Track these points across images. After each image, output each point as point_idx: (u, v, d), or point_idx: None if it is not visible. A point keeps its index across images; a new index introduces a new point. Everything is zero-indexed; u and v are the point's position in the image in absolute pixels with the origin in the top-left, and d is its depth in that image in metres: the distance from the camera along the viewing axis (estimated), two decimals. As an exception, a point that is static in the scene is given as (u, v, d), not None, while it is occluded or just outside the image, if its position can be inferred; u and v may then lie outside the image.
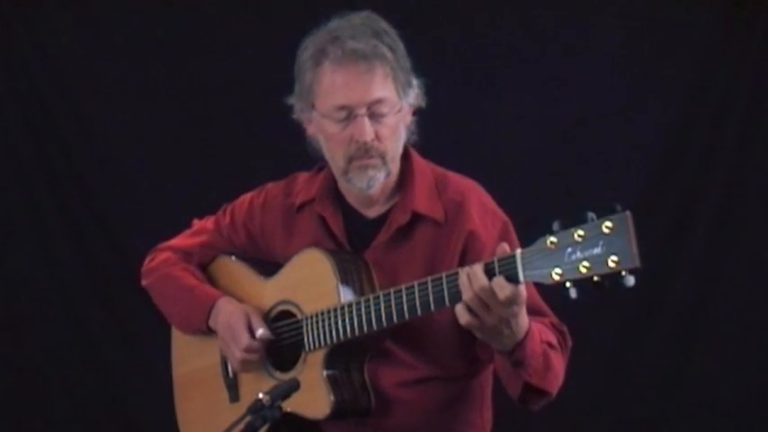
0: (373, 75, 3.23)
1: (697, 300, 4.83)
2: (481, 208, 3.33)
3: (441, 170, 3.42)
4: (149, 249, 3.76)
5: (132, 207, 5.13)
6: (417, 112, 3.37)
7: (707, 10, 4.81)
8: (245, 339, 3.38)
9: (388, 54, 3.25)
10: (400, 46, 3.29)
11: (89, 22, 5.16)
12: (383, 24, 3.30)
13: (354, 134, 3.24)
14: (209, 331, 3.52)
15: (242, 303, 3.48)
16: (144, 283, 3.71)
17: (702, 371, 4.81)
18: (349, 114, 3.25)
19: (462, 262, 3.24)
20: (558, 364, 3.13)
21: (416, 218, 3.31)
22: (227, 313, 3.46)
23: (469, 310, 2.93)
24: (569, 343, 3.23)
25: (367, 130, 3.23)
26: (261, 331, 3.39)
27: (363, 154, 3.25)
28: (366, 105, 3.23)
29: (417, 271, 3.23)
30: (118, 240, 5.14)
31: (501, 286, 2.87)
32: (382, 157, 3.27)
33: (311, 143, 3.42)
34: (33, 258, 5.20)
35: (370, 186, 3.29)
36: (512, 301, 2.88)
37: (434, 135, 3.46)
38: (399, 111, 3.28)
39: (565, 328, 3.23)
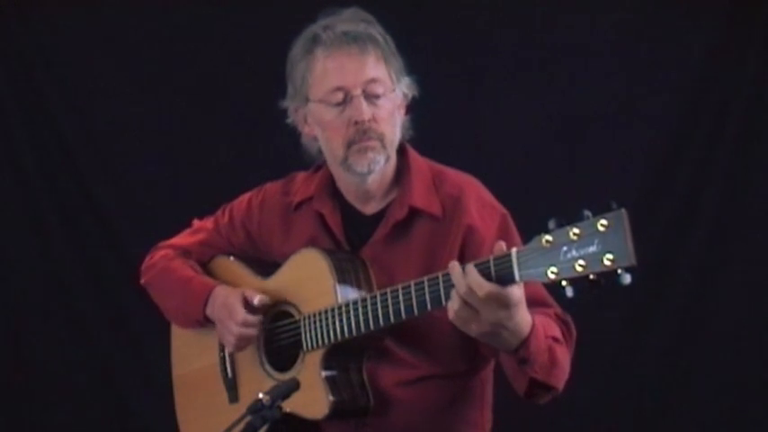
0: (366, 55, 3.27)
1: (697, 299, 4.83)
2: (479, 202, 3.33)
3: (438, 166, 3.43)
4: (149, 249, 3.76)
5: (132, 207, 5.14)
6: (413, 109, 3.38)
7: (707, 10, 4.81)
8: (240, 313, 3.39)
9: (380, 38, 3.29)
10: (389, 37, 3.32)
11: (89, 21, 5.17)
12: (370, 16, 3.34)
13: (352, 115, 3.26)
14: (207, 321, 3.52)
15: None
16: (143, 280, 3.72)
17: (702, 370, 4.80)
18: (345, 97, 3.27)
19: (462, 257, 3.22)
20: (564, 358, 3.12)
21: (414, 213, 3.32)
22: (223, 296, 3.47)
23: (459, 313, 2.92)
24: (574, 333, 3.22)
25: (364, 109, 3.25)
26: (258, 297, 3.39)
27: (362, 135, 3.27)
28: (361, 85, 3.26)
29: (416, 267, 3.24)
30: (118, 240, 5.15)
31: (479, 285, 2.86)
32: (381, 139, 3.28)
33: (307, 148, 3.44)
34: (33, 258, 5.21)
35: (371, 170, 3.29)
36: (494, 298, 2.86)
37: (433, 134, 3.47)
38: (393, 92, 3.30)
39: (569, 318, 3.22)
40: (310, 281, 3.31)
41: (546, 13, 4.88)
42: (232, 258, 3.61)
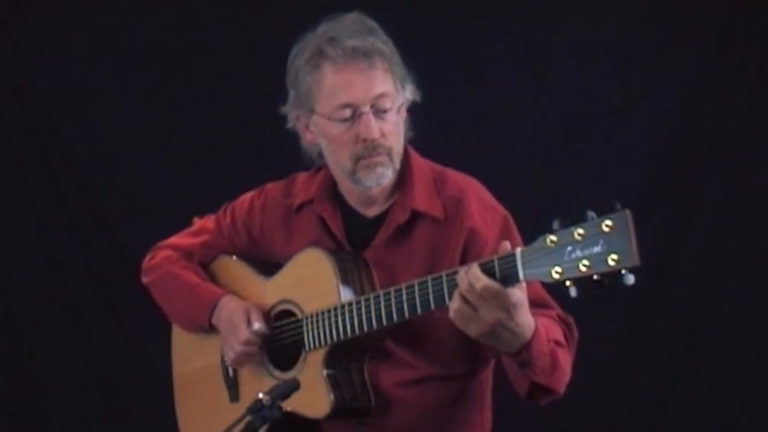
0: (374, 70, 3.25)
1: (696, 299, 4.83)
2: (481, 204, 3.33)
3: (439, 168, 3.42)
4: (149, 249, 3.76)
5: (132, 207, 5.14)
6: (415, 110, 3.37)
7: (707, 10, 4.81)
8: (243, 332, 3.39)
9: (385, 49, 3.26)
10: (391, 42, 3.30)
11: (89, 22, 5.17)
12: (373, 23, 3.31)
13: (361, 132, 3.24)
14: (212, 328, 3.52)
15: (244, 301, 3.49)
16: (145, 280, 3.71)
17: (702, 370, 4.81)
18: (353, 113, 3.25)
19: (463, 259, 3.23)
20: (566, 361, 3.12)
21: (416, 216, 3.31)
22: (228, 310, 3.46)
23: (458, 312, 2.93)
24: (576, 334, 3.21)
25: (373, 126, 3.24)
26: (257, 325, 3.39)
27: (371, 152, 3.26)
28: (370, 101, 3.24)
29: (418, 269, 3.23)
30: (118, 240, 5.15)
31: (476, 277, 2.87)
32: (389, 153, 3.27)
33: (307, 152, 3.43)
34: (33, 258, 5.21)
35: (379, 184, 3.30)
36: (492, 295, 2.86)
37: (434, 135, 3.47)
38: (400, 105, 3.30)
39: (571, 320, 3.22)
40: (313, 280, 3.31)
41: (546, 13, 4.89)
42: (234, 258, 3.61)
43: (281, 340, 3.41)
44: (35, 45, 5.16)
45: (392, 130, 3.28)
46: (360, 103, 3.24)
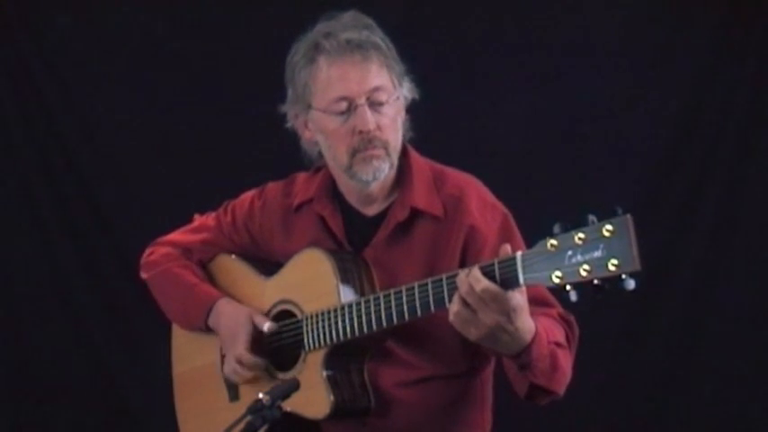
0: (370, 63, 3.26)
1: (697, 300, 4.83)
2: (480, 202, 3.33)
3: (438, 166, 3.43)
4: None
5: (132, 206, 5.14)
6: (414, 110, 3.38)
7: (707, 10, 4.81)
8: (239, 348, 3.39)
9: (381, 44, 3.28)
10: (388, 40, 3.31)
11: (89, 22, 5.16)
12: (370, 20, 3.32)
13: (357, 125, 3.25)
14: (208, 330, 3.53)
15: (241, 304, 3.49)
16: (144, 275, 3.71)
17: (703, 371, 4.81)
18: (349, 106, 3.26)
19: (463, 257, 3.25)
20: (566, 362, 3.12)
21: (415, 214, 3.32)
22: (228, 316, 3.46)
23: (458, 315, 2.93)
24: (577, 333, 3.21)
25: (369, 118, 3.24)
26: (267, 325, 3.38)
27: (367, 144, 3.26)
28: (365, 94, 3.25)
29: (418, 267, 3.25)
30: (117, 240, 5.14)
31: (476, 279, 2.87)
32: (385, 147, 3.28)
33: (306, 152, 3.44)
34: (33, 258, 5.20)
35: (376, 178, 3.29)
36: (491, 298, 2.87)
37: (434, 135, 3.47)
38: (397, 99, 3.30)
39: (572, 319, 3.22)
40: (313, 281, 3.31)
41: (546, 13, 4.88)
42: (234, 257, 3.61)
43: (280, 340, 3.41)
44: (35, 45, 5.16)
45: (389, 124, 3.29)
46: (355, 96, 3.25)
